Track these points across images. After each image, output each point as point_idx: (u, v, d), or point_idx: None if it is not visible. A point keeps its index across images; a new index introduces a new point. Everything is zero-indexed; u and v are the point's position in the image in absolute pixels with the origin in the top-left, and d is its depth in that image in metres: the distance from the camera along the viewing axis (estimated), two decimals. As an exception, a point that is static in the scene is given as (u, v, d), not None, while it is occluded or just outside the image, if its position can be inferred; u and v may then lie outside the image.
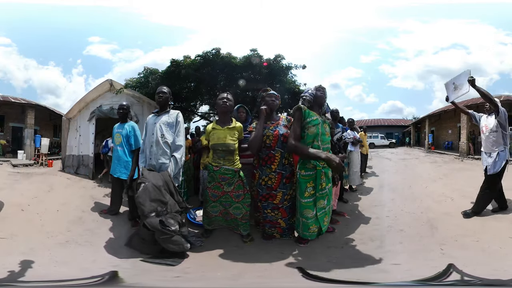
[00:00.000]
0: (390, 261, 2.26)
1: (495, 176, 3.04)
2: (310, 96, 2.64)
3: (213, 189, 2.65)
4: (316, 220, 2.50)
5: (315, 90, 2.68)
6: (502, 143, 3.05)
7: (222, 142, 2.58)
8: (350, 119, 5.30)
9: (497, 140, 3.07)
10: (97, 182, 5.15)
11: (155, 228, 2.27)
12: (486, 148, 3.19)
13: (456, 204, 3.57)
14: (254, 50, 5.38)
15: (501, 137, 3.06)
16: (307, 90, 2.71)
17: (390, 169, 7.79)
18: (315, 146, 2.49)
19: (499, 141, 3.06)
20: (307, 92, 2.68)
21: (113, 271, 2.01)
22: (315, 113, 2.57)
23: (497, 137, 3.07)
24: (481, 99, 3.38)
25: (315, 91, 2.67)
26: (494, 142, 3.09)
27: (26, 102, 11.46)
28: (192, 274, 2.12)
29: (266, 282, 2.03)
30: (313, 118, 2.52)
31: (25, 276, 1.84)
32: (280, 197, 2.62)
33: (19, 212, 3.15)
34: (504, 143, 3.05)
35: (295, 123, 2.50)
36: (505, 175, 3.07)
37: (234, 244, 2.63)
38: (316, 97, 2.65)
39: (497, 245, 2.40)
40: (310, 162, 2.47)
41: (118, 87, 5.37)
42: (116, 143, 3.36)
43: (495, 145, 3.08)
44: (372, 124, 27.50)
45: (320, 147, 2.50)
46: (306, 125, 2.50)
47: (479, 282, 1.77)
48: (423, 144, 18.67)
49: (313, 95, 2.65)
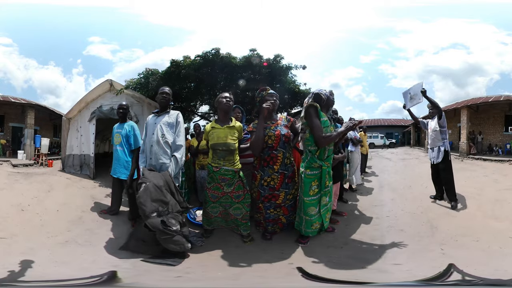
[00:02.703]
0: (390, 261, 2.26)
1: (442, 164, 3.75)
2: (325, 96, 2.65)
3: (213, 190, 2.65)
4: (319, 217, 2.58)
5: (329, 93, 2.74)
6: (440, 139, 3.79)
7: (222, 142, 2.56)
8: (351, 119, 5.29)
9: (437, 137, 3.81)
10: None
11: (156, 228, 2.27)
12: (431, 144, 3.94)
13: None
14: (254, 50, 5.39)
15: (440, 135, 3.79)
16: (320, 90, 2.69)
17: (390, 169, 7.78)
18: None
19: (438, 137, 3.80)
20: (323, 91, 2.69)
21: (113, 271, 2.01)
22: (324, 114, 2.59)
23: (437, 135, 3.80)
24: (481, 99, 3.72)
25: (329, 94, 2.72)
26: (435, 139, 3.83)
27: (26, 102, 11.46)
28: (193, 274, 2.12)
29: (266, 282, 2.03)
30: (324, 119, 2.54)
31: (25, 276, 1.84)
32: (282, 197, 2.64)
33: (19, 212, 3.15)
34: (442, 138, 3.78)
35: (314, 118, 2.47)
36: (505, 175, 3.08)
37: (234, 244, 2.63)
38: (328, 100, 2.69)
39: (497, 245, 2.40)
40: (316, 162, 2.50)
41: (118, 87, 5.36)
42: (116, 143, 3.36)
43: (436, 141, 3.82)
44: (372, 124, 27.51)
45: (326, 148, 2.53)
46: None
47: (480, 282, 1.77)
48: (423, 144, 18.67)
49: (327, 97, 2.68)
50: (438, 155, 3.79)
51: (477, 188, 3.26)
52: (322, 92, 2.66)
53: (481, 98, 12.11)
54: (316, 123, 2.47)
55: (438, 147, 3.81)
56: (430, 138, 3.94)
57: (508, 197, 3.60)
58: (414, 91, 3.74)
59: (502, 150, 12.33)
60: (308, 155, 2.55)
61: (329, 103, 2.73)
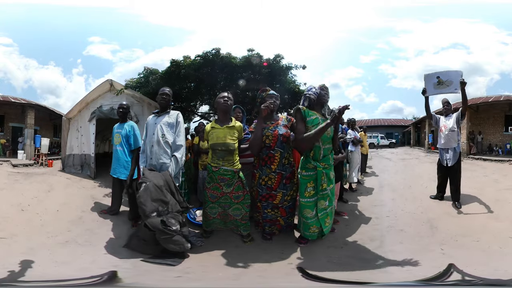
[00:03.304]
0: (390, 261, 2.26)
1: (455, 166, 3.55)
2: (314, 94, 2.60)
3: (212, 190, 2.64)
4: (317, 221, 2.50)
5: (319, 89, 2.63)
6: (456, 140, 3.56)
7: (221, 142, 2.56)
8: (351, 119, 5.30)
9: (453, 137, 3.56)
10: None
11: (156, 228, 2.27)
12: (445, 144, 3.63)
13: (456, 204, 3.55)
14: (253, 50, 5.39)
15: (456, 135, 3.57)
16: (310, 88, 2.66)
17: (390, 169, 7.78)
18: (316, 146, 2.48)
19: (455, 138, 3.55)
20: (311, 90, 2.64)
21: (113, 271, 2.01)
22: (315, 113, 2.55)
23: (453, 135, 3.56)
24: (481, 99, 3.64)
25: (319, 90, 2.63)
26: (451, 139, 3.56)
27: (26, 102, 11.46)
28: (193, 274, 2.12)
29: (266, 282, 2.03)
30: (313, 117, 2.50)
31: (25, 276, 1.84)
32: (280, 198, 2.62)
33: (19, 212, 3.15)
34: (458, 139, 3.58)
35: (298, 123, 2.48)
36: (505, 175, 3.08)
37: (234, 244, 2.63)
38: (319, 96, 2.61)
39: (497, 245, 2.40)
40: (310, 163, 2.46)
41: (118, 87, 5.37)
42: (116, 143, 3.36)
43: (452, 142, 3.56)
44: (372, 124, 27.51)
45: (321, 147, 2.50)
46: (306, 125, 2.48)
47: (480, 282, 1.77)
48: (423, 144, 18.67)
49: (317, 94, 2.61)
50: (454, 157, 3.56)
51: (477, 188, 3.26)
52: (309, 92, 2.61)
53: (481, 98, 12.11)
54: (297, 128, 2.47)
55: (454, 148, 3.57)
56: (445, 138, 3.62)
57: (508, 197, 3.60)
58: (447, 77, 3.20)
59: (502, 150, 12.33)
60: (303, 155, 2.55)
61: (321, 99, 2.61)
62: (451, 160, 3.58)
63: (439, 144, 3.74)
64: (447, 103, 3.70)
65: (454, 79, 3.12)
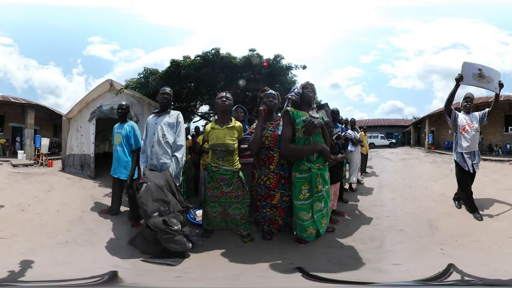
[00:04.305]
0: (390, 261, 2.26)
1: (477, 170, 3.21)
2: (296, 95, 2.52)
3: (212, 189, 2.65)
4: (313, 223, 2.45)
5: (302, 88, 2.55)
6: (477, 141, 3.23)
7: (221, 142, 2.56)
8: (351, 119, 5.30)
9: (478, 139, 3.23)
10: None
11: (158, 228, 2.27)
12: (471, 147, 3.17)
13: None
14: (254, 50, 5.39)
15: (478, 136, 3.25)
16: (293, 89, 2.60)
17: (390, 169, 7.78)
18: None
19: (477, 139, 3.23)
20: (293, 91, 2.57)
21: (113, 271, 2.01)
22: (304, 113, 2.48)
23: (477, 136, 3.22)
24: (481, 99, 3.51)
25: (301, 89, 2.55)
26: (476, 141, 3.21)
27: (26, 102, 11.47)
28: (193, 274, 2.12)
29: (266, 282, 2.03)
30: (302, 118, 2.42)
31: (25, 276, 1.84)
32: (278, 198, 2.62)
33: (19, 212, 3.15)
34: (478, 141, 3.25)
35: (285, 127, 2.42)
36: (505, 175, 3.08)
37: (234, 244, 2.63)
38: (303, 96, 2.53)
39: (497, 245, 2.40)
40: (304, 164, 2.40)
41: (118, 87, 5.37)
42: (116, 143, 3.36)
43: (476, 143, 3.21)
44: (372, 124, 27.50)
45: None
46: (296, 127, 2.41)
47: (479, 282, 1.77)
48: (423, 144, 18.67)
49: (299, 94, 2.53)
50: (479, 160, 3.19)
51: (477, 188, 3.25)
52: (291, 94, 2.54)
53: (481, 98, 12.11)
54: (283, 132, 2.42)
55: (476, 151, 3.22)
56: (471, 139, 3.16)
57: (508, 197, 3.59)
58: (489, 74, 2.99)
59: (502, 150, 12.34)
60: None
61: (305, 98, 2.51)
62: (477, 164, 3.18)
63: (460, 148, 3.19)
64: (471, 99, 3.28)
65: (495, 77, 2.96)
